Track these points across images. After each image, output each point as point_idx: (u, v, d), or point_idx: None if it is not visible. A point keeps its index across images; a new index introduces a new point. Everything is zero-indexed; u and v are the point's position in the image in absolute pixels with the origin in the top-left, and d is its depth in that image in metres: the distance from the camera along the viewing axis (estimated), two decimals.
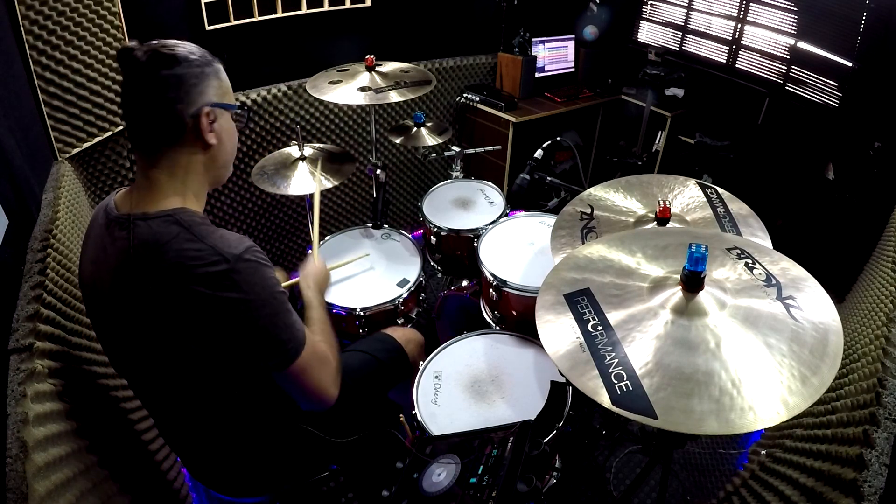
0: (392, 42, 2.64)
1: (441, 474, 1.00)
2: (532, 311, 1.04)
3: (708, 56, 2.94)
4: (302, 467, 1.23)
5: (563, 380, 1.15)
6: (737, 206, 1.43)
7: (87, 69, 1.71)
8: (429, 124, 2.32)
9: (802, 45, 2.48)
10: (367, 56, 2.10)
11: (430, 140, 2.26)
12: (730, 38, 2.81)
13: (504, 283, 1.64)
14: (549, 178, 1.76)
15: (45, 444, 0.82)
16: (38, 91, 1.59)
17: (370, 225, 2.03)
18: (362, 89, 1.99)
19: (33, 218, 1.31)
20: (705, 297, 0.96)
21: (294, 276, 1.42)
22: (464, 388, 1.37)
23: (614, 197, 1.49)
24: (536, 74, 3.09)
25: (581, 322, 0.98)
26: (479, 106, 2.97)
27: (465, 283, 2.17)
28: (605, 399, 0.85)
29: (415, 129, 2.30)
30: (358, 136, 2.77)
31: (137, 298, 0.86)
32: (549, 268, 1.15)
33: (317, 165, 1.90)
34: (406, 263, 1.86)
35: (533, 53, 3.04)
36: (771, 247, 1.26)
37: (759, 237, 1.33)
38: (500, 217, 2.00)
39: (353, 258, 1.84)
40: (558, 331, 0.98)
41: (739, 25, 2.74)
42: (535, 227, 1.91)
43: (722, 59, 2.87)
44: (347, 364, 1.34)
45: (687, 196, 1.47)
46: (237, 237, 0.90)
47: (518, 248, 1.81)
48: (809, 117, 2.51)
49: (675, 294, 0.98)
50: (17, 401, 0.83)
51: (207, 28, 2.11)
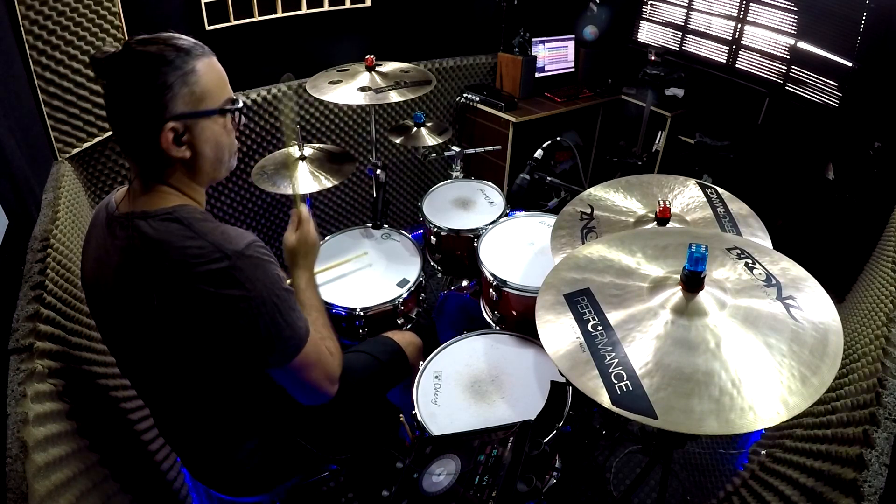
0: (392, 42, 2.64)
1: (441, 474, 1.00)
2: (532, 311, 1.04)
3: (708, 56, 2.94)
4: (302, 467, 1.23)
5: (563, 380, 1.15)
6: (737, 206, 1.43)
7: (87, 69, 1.70)
8: (429, 124, 2.32)
9: (802, 45, 2.48)
10: (367, 56, 2.10)
11: (430, 140, 2.26)
12: (730, 38, 2.81)
13: (504, 283, 1.64)
14: (549, 178, 1.76)
15: (45, 444, 0.82)
16: (38, 91, 1.59)
17: (370, 225, 2.03)
18: (362, 89, 1.99)
19: (33, 218, 1.31)
20: (705, 297, 0.96)
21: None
22: (464, 388, 1.37)
23: (614, 197, 1.48)
24: (536, 74, 3.09)
25: (581, 322, 0.98)
26: (479, 106, 2.97)
27: (465, 283, 2.17)
28: (605, 399, 0.85)
29: (415, 129, 2.29)
30: (358, 136, 2.77)
31: (140, 297, 0.86)
32: (549, 268, 1.15)
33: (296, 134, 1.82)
34: (406, 263, 1.86)
35: (533, 53, 3.04)
36: (771, 247, 1.26)
37: (759, 237, 1.33)
38: (500, 217, 2.00)
39: (352, 257, 1.84)
40: (558, 331, 0.98)
41: (739, 25, 2.74)
42: (535, 227, 1.91)
43: (722, 59, 2.87)
44: (349, 365, 1.34)
45: (687, 196, 1.47)
46: (239, 232, 0.89)
47: (518, 248, 1.81)
48: (809, 117, 2.51)
49: (675, 294, 0.98)
50: (17, 401, 0.83)
51: (207, 28, 2.11)
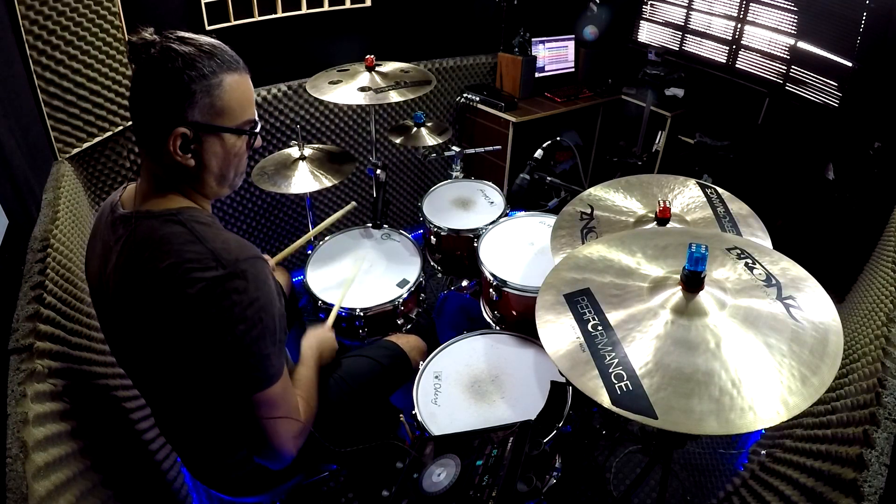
0: (392, 42, 2.64)
1: (441, 474, 1.00)
2: (532, 311, 1.04)
3: (708, 56, 2.94)
4: (302, 467, 1.23)
5: (563, 380, 1.15)
6: (737, 206, 1.43)
7: (87, 69, 1.71)
8: (429, 124, 2.32)
9: (802, 45, 2.48)
10: (367, 56, 2.10)
11: (430, 140, 2.26)
12: (730, 38, 2.81)
13: (504, 283, 1.64)
14: (549, 178, 1.76)
15: (45, 444, 0.82)
16: (38, 91, 1.59)
17: (370, 225, 2.03)
18: (362, 89, 1.99)
19: (33, 218, 1.31)
20: (705, 297, 0.96)
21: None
22: (464, 388, 1.37)
23: (614, 197, 1.48)
24: (536, 74, 3.09)
25: (581, 322, 0.98)
26: (479, 106, 2.97)
27: (465, 283, 2.17)
28: (605, 399, 0.85)
29: (415, 129, 2.30)
30: (358, 136, 2.77)
31: (137, 297, 0.86)
32: (549, 268, 1.15)
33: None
34: (406, 263, 1.86)
35: (533, 53, 3.04)
36: (771, 247, 1.26)
37: (759, 237, 1.33)
38: (500, 217, 2.00)
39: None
40: (558, 331, 0.98)
41: (739, 25, 2.74)
42: (535, 227, 1.91)
43: (722, 59, 2.87)
44: (352, 368, 1.35)
45: (687, 196, 1.47)
46: (242, 244, 0.87)
47: (518, 248, 1.81)
48: (809, 117, 2.51)
49: (675, 294, 0.98)
50: (17, 401, 0.83)
51: (207, 28, 2.11)
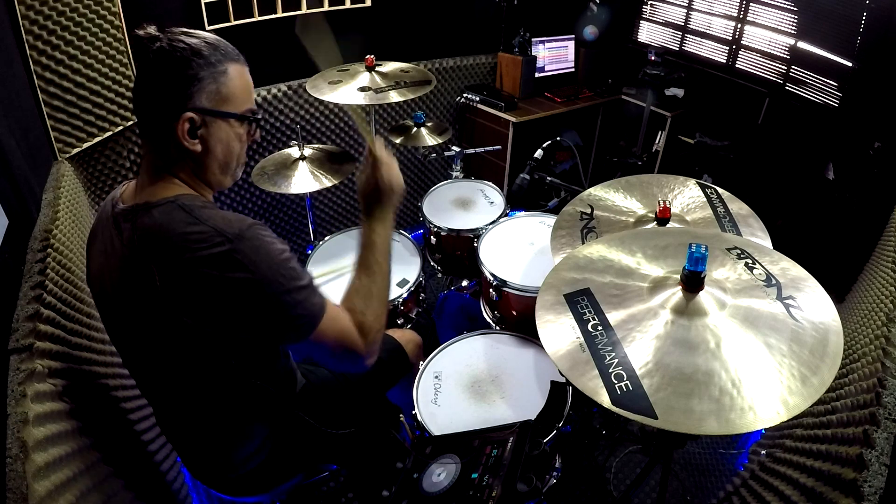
0: (392, 42, 2.64)
1: (441, 474, 1.00)
2: (532, 311, 1.04)
3: (708, 56, 2.94)
4: (301, 466, 1.23)
5: (563, 380, 1.15)
6: (737, 206, 1.43)
7: (87, 69, 1.71)
8: (429, 124, 2.32)
9: (802, 45, 2.48)
10: (367, 56, 2.10)
11: (430, 140, 2.26)
12: (730, 38, 2.81)
13: (504, 283, 1.64)
14: (549, 178, 1.76)
15: (45, 444, 0.82)
16: (38, 91, 1.59)
17: None
18: (362, 89, 1.99)
19: (33, 218, 1.31)
20: (705, 297, 0.96)
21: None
22: (464, 388, 1.37)
23: (614, 197, 1.49)
24: (536, 74, 3.09)
25: (581, 322, 0.98)
26: (479, 106, 2.97)
27: (465, 283, 2.17)
28: (605, 399, 0.85)
29: (415, 129, 2.30)
30: (358, 136, 2.77)
31: (145, 287, 0.86)
32: (549, 268, 1.15)
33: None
34: (406, 263, 1.86)
35: (533, 53, 3.04)
36: (771, 247, 1.26)
37: (759, 237, 1.33)
38: (500, 217, 2.00)
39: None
40: (558, 331, 0.98)
41: (739, 25, 2.74)
42: (535, 227, 1.91)
43: (722, 59, 2.87)
44: None
45: (687, 196, 1.47)
46: (239, 217, 0.89)
47: (518, 248, 1.81)
48: (809, 117, 2.51)
49: (675, 294, 0.98)
50: (17, 401, 0.83)
51: (207, 28, 2.11)
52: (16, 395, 0.84)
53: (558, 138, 1.85)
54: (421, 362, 1.45)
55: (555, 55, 3.19)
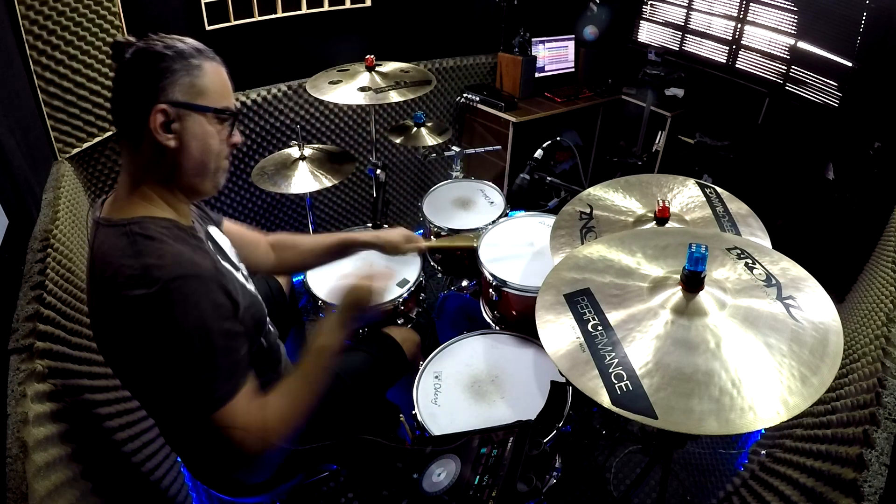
0: (392, 42, 2.64)
1: (441, 474, 1.00)
2: (532, 311, 1.04)
3: (708, 56, 2.94)
4: (302, 467, 1.23)
5: (563, 380, 1.15)
6: (736, 206, 1.43)
7: (87, 69, 1.71)
8: (429, 124, 2.32)
9: (802, 45, 2.48)
10: (367, 56, 2.11)
11: (430, 140, 2.26)
12: (730, 38, 2.81)
13: (504, 283, 1.64)
14: (549, 178, 1.76)
15: (45, 444, 0.82)
16: (38, 91, 1.59)
17: (370, 225, 2.03)
18: (362, 89, 1.99)
19: (33, 218, 1.31)
20: (705, 297, 0.96)
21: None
22: (464, 388, 1.37)
23: (614, 197, 1.48)
24: (536, 74, 3.09)
25: (581, 322, 0.98)
26: (479, 106, 2.97)
27: (465, 283, 2.17)
28: (605, 399, 0.85)
29: (415, 129, 2.30)
30: (358, 136, 2.77)
31: (94, 308, 0.87)
32: (549, 268, 1.15)
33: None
34: (406, 263, 1.85)
35: (533, 53, 3.04)
36: (771, 247, 1.26)
37: (758, 237, 1.33)
38: (499, 217, 2.00)
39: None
40: (558, 331, 0.98)
41: (739, 25, 2.74)
42: (535, 227, 1.91)
43: (722, 59, 2.87)
44: (346, 362, 1.34)
45: (686, 196, 1.47)
46: (180, 261, 0.83)
47: (518, 248, 1.81)
48: (809, 117, 2.51)
49: (675, 294, 0.98)
50: (17, 401, 0.84)
51: (207, 28, 2.11)
52: (16, 395, 0.84)
53: (558, 138, 1.85)
54: (420, 362, 1.45)
55: (555, 55, 3.19)
